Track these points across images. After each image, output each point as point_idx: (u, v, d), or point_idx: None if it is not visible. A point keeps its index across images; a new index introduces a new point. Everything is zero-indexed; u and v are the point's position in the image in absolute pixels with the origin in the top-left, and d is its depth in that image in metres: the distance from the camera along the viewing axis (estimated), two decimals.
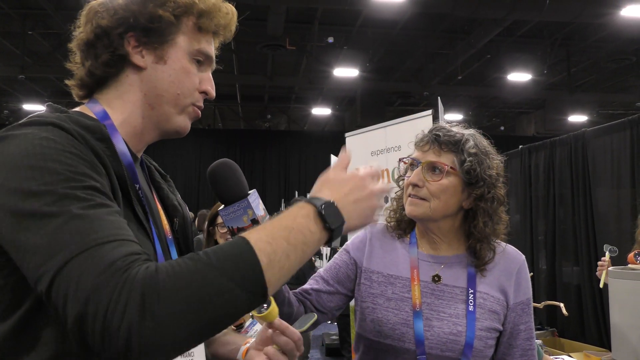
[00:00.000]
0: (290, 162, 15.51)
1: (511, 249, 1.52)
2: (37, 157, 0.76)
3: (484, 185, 1.41)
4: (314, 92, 14.13)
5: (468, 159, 1.40)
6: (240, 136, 15.98)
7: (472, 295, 1.40)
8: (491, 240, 1.45)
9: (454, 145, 1.42)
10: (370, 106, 13.11)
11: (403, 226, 1.55)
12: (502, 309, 1.42)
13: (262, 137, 15.99)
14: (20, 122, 0.85)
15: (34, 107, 13.89)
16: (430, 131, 1.47)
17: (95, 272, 0.68)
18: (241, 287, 0.73)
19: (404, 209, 1.48)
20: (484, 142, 1.48)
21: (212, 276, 0.72)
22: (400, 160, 1.53)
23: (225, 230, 2.89)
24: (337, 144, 0.80)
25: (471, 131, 1.49)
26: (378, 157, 4.37)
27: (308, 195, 0.92)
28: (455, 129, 1.47)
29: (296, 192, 12.68)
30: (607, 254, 3.16)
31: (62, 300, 0.69)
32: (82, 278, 0.68)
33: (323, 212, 0.84)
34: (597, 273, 3.16)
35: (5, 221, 0.75)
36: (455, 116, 14.77)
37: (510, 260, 1.48)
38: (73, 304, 0.68)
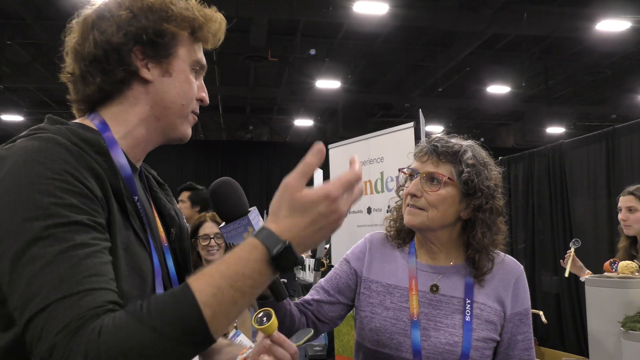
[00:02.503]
0: (273, 173, 15.46)
1: (510, 259, 1.53)
2: (26, 188, 0.78)
3: (482, 196, 1.42)
4: (296, 103, 14.16)
5: (466, 170, 1.41)
6: (222, 147, 15.91)
7: (469, 306, 1.41)
8: (490, 251, 1.45)
9: (452, 156, 1.43)
10: (352, 117, 13.18)
11: (402, 236, 1.56)
12: (499, 319, 1.42)
13: (244, 148, 15.94)
14: (21, 135, 0.87)
15: (12, 118, 13.70)
16: (429, 142, 1.48)
17: (54, 332, 0.71)
18: (185, 344, 0.74)
19: (403, 219, 1.48)
20: (483, 154, 1.49)
21: (153, 340, 0.72)
22: (399, 170, 1.54)
23: (207, 242, 2.89)
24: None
25: (470, 142, 1.50)
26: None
27: (263, 222, 0.82)
28: (454, 140, 1.48)
29: None
30: (572, 247, 3.35)
31: (31, 346, 0.74)
32: (43, 335, 0.72)
33: (277, 258, 0.77)
34: (561, 261, 3.38)
35: None
36: (436, 128, 14.92)
37: (508, 270, 1.49)
38: (36, 355, 0.73)
